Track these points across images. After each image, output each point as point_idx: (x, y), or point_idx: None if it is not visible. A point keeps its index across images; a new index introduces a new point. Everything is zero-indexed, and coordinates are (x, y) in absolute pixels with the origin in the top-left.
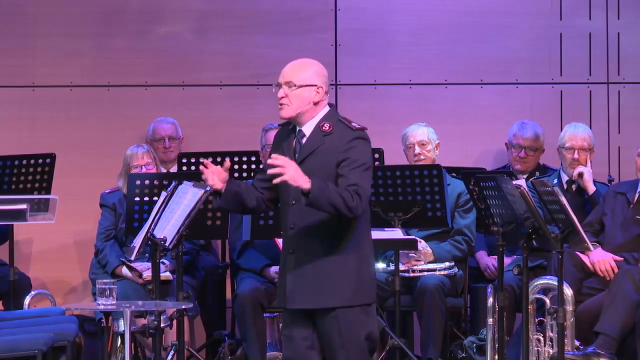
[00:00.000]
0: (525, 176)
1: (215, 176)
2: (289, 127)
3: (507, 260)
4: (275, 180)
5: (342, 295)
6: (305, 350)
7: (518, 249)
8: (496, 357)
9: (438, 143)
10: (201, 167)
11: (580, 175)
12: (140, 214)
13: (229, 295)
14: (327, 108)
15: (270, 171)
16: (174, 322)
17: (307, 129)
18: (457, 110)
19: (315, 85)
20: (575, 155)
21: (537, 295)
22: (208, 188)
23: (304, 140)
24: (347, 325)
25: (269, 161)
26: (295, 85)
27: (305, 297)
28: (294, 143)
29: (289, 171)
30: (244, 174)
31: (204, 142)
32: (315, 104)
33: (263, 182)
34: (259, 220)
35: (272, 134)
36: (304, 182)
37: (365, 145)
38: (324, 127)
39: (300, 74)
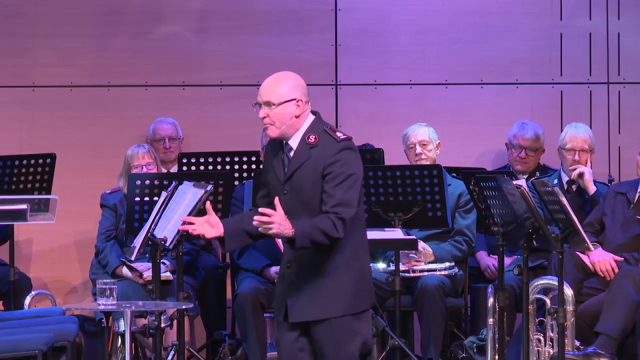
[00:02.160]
0: (525, 176)
1: (205, 225)
2: (277, 141)
3: (507, 261)
4: (261, 230)
5: (338, 306)
6: (296, 352)
7: (518, 249)
8: (496, 357)
9: (439, 143)
10: (183, 227)
11: (581, 175)
12: (141, 214)
13: (229, 295)
14: (312, 117)
15: (255, 223)
16: (175, 322)
17: (294, 142)
18: (457, 110)
19: (295, 99)
20: (576, 157)
21: (538, 296)
22: (209, 188)
23: (291, 154)
24: (341, 333)
25: (255, 217)
26: (274, 104)
27: (304, 310)
28: (282, 157)
29: (274, 226)
30: (244, 174)
31: (204, 142)
32: (298, 117)
33: (264, 199)
34: None
35: None
36: (288, 232)
37: (351, 155)
38: (309, 140)
39: (277, 91)
